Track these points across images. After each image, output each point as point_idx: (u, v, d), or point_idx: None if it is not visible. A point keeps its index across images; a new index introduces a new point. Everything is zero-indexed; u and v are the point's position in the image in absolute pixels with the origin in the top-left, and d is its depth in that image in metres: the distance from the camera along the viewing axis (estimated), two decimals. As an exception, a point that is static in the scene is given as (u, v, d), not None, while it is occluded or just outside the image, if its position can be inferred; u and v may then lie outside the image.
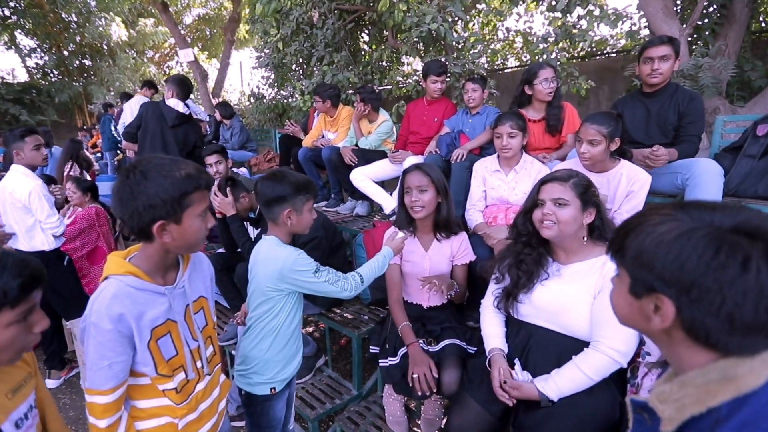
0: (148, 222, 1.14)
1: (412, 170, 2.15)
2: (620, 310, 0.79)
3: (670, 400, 0.69)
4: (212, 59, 14.58)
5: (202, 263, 1.44)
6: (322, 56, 5.50)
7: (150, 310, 1.19)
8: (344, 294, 1.75)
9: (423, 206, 2.09)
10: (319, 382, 2.72)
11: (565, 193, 1.65)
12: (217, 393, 1.45)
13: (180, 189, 1.14)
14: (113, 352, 1.13)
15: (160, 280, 1.25)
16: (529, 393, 1.60)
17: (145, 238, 1.19)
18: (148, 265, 1.22)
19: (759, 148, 2.44)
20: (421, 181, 2.10)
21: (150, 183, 1.12)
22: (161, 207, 1.13)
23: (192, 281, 1.34)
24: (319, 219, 2.54)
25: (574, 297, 1.65)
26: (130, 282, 1.17)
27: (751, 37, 4.40)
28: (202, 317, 1.38)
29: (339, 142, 4.16)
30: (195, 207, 1.19)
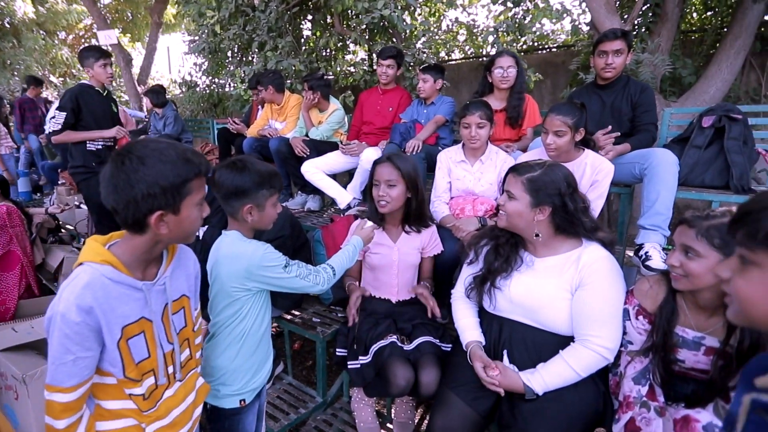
0: (145, 212, 1.05)
1: (382, 162, 2.06)
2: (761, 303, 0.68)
3: None
4: (135, 43, 13.53)
5: (188, 258, 1.33)
6: (264, 42, 5.21)
7: (122, 306, 1.10)
8: (316, 288, 1.63)
9: (389, 201, 2.01)
10: (280, 390, 2.55)
11: (516, 187, 1.63)
12: (192, 398, 1.34)
13: (181, 175, 1.07)
14: (79, 346, 1.03)
15: (139, 275, 1.15)
16: (514, 381, 1.58)
17: (137, 228, 1.09)
18: (129, 256, 1.12)
19: (704, 139, 2.57)
20: (391, 175, 2.01)
21: (149, 169, 1.03)
22: (161, 196, 1.05)
23: (175, 278, 1.24)
24: (285, 216, 2.38)
25: (550, 293, 1.63)
26: (105, 272, 1.07)
27: (681, 36, 4.67)
28: (182, 318, 1.28)
29: (288, 133, 3.95)
30: (194, 195, 1.12)
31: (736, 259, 0.71)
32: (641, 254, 2.24)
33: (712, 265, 1.33)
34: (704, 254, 1.34)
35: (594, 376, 1.59)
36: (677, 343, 1.48)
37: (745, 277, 0.68)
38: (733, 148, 2.45)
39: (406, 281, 2.15)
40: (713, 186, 2.51)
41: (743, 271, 0.69)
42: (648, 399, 1.46)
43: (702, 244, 1.34)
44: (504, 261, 1.72)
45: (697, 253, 1.36)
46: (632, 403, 1.47)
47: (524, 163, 1.70)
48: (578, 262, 1.61)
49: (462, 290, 1.86)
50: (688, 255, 1.38)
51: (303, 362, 3.12)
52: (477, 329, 1.79)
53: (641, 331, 1.55)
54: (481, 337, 1.76)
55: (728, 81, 4.01)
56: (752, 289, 0.68)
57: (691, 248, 1.37)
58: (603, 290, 1.57)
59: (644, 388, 1.49)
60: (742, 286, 0.69)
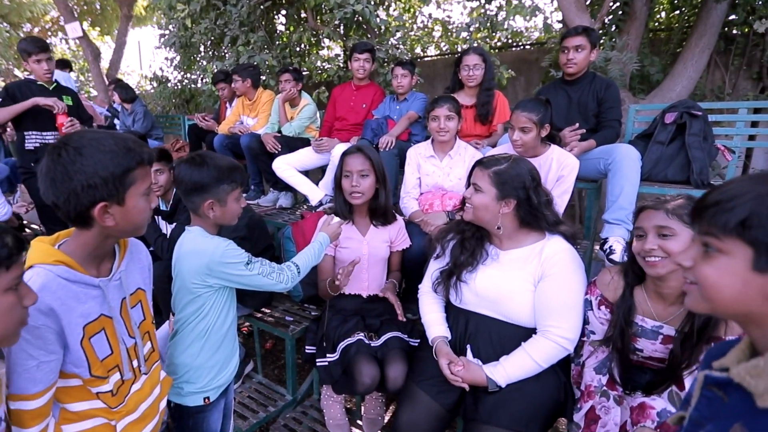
0: (87, 205, 1.03)
1: (353, 152, 2.05)
2: (727, 291, 0.69)
3: (765, 374, 0.66)
4: (105, 37, 13.18)
5: (140, 252, 1.33)
6: (236, 36, 5.13)
7: (81, 305, 1.08)
8: (279, 287, 1.62)
9: (362, 192, 2.01)
10: (249, 389, 2.53)
11: (482, 179, 1.65)
12: (157, 392, 1.34)
13: (122, 165, 1.04)
14: (42, 350, 1.01)
15: (94, 271, 1.13)
16: (477, 374, 1.60)
17: (81, 223, 1.07)
18: (81, 253, 1.10)
19: (667, 135, 2.64)
20: (363, 165, 2.01)
21: (87, 160, 1.01)
22: (102, 186, 1.03)
23: (129, 272, 1.24)
24: (244, 217, 2.35)
25: (514, 285, 1.66)
26: (60, 272, 1.04)
27: (649, 35, 4.79)
28: (140, 311, 1.28)
29: (259, 129, 3.91)
30: (139, 184, 1.09)
31: (699, 248, 0.73)
32: (605, 248, 2.30)
33: (688, 241, 1.34)
34: (679, 231, 1.37)
35: (555, 367, 1.63)
36: (636, 332, 1.53)
37: (714, 265, 0.69)
38: (693, 143, 2.52)
39: (375, 275, 2.16)
40: (675, 181, 2.59)
41: (710, 259, 0.70)
42: (608, 388, 1.51)
43: (675, 222, 1.37)
44: (470, 255, 1.74)
45: (673, 231, 1.37)
46: (593, 393, 1.51)
47: (490, 157, 1.72)
48: (541, 255, 1.65)
49: (429, 285, 1.88)
50: (664, 236, 1.39)
51: (276, 361, 3.11)
52: (443, 324, 1.81)
53: (603, 321, 1.60)
54: (447, 332, 1.79)
55: (694, 79, 4.12)
56: (720, 276, 0.69)
57: (666, 227, 1.38)
58: (563, 282, 1.61)
59: (605, 378, 1.53)
60: (711, 273, 0.70)
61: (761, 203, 0.64)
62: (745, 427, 0.67)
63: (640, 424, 1.38)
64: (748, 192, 0.66)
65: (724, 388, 0.73)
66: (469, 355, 1.69)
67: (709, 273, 0.70)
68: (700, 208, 0.72)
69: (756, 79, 4.30)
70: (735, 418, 0.70)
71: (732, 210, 0.66)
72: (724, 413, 0.72)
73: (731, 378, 0.71)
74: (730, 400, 0.72)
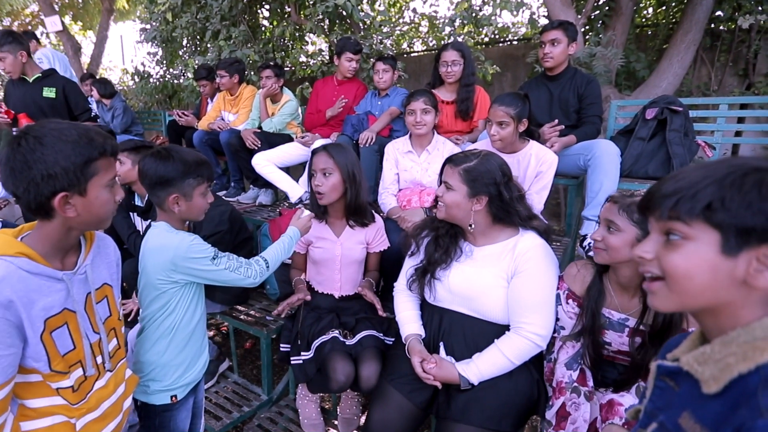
0: (47, 195, 1.03)
1: (319, 151, 2.04)
2: (698, 279, 0.68)
3: (711, 360, 0.67)
4: (87, 31, 13.03)
5: (108, 246, 1.32)
6: (218, 30, 5.09)
7: (43, 298, 1.06)
8: (247, 282, 1.61)
9: (325, 192, 1.99)
10: (224, 389, 2.51)
11: (453, 177, 1.65)
12: (122, 390, 1.32)
13: (83, 155, 1.05)
14: (1, 344, 0.99)
15: (58, 264, 1.12)
16: (449, 372, 1.60)
17: (43, 214, 1.07)
18: (44, 246, 1.09)
19: (648, 130, 2.66)
20: (326, 164, 1.99)
21: (47, 149, 1.01)
22: (62, 176, 1.03)
23: (95, 266, 1.23)
24: (225, 211, 2.35)
25: (487, 281, 1.66)
26: (21, 264, 1.03)
27: (635, 31, 4.82)
28: (106, 307, 1.27)
29: (239, 125, 3.88)
30: (101, 175, 1.09)
31: (659, 238, 0.72)
32: (585, 245, 2.30)
33: (630, 239, 1.40)
34: (623, 228, 1.41)
35: (528, 364, 1.63)
36: (604, 324, 1.54)
37: (682, 252, 0.68)
38: (674, 139, 2.54)
39: (348, 277, 2.15)
40: (656, 177, 2.60)
41: (677, 248, 0.69)
42: (578, 384, 1.51)
43: (622, 219, 1.41)
44: (444, 252, 1.74)
45: (617, 227, 1.42)
46: (564, 389, 1.52)
47: (459, 154, 1.72)
48: (514, 251, 1.65)
49: (404, 282, 1.88)
50: (610, 230, 1.44)
51: (254, 361, 3.08)
52: (417, 322, 1.81)
53: (572, 315, 1.60)
54: (420, 330, 1.78)
55: (679, 75, 4.15)
56: (691, 264, 0.68)
57: (613, 222, 1.43)
58: (536, 278, 1.61)
59: (575, 373, 1.53)
60: (681, 261, 0.68)
61: (722, 187, 0.65)
62: (693, 415, 0.68)
63: (608, 421, 1.38)
64: (705, 177, 0.67)
65: (675, 377, 0.74)
66: (442, 352, 1.69)
67: (679, 261, 0.69)
68: (656, 199, 0.71)
69: (742, 75, 4.35)
70: (684, 406, 0.70)
71: (695, 196, 0.66)
72: (675, 403, 0.73)
73: (681, 367, 0.72)
74: (680, 390, 0.73)
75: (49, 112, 3.40)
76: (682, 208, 0.67)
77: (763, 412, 0.58)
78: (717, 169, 0.67)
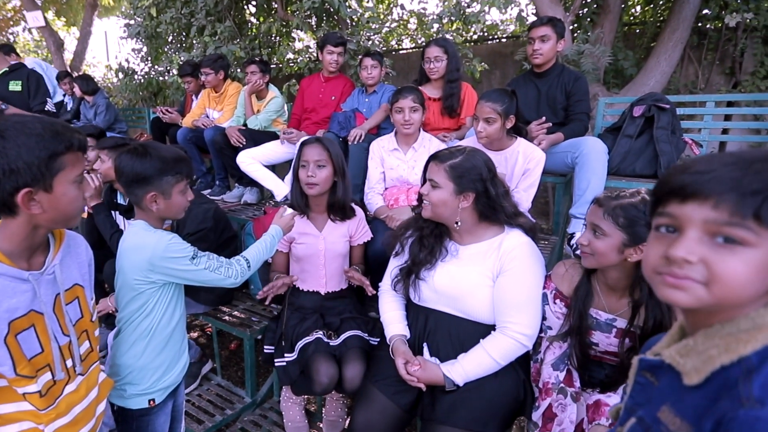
0: (10, 190, 0.99)
1: (311, 142, 2.01)
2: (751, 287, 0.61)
3: (694, 352, 0.65)
4: (71, 27, 12.83)
5: (79, 246, 1.28)
6: (203, 26, 5.03)
7: (7, 300, 1.03)
8: (228, 282, 1.57)
9: (318, 183, 1.96)
10: (207, 392, 2.47)
11: (438, 175, 1.61)
12: (95, 394, 1.28)
13: (48, 149, 1.01)
14: None
15: (24, 264, 1.08)
16: (434, 374, 1.57)
17: (7, 211, 1.03)
18: (9, 244, 1.05)
19: (635, 128, 2.65)
20: (320, 156, 1.96)
21: (9, 143, 0.98)
22: (26, 171, 0.99)
23: (65, 266, 1.19)
24: (209, 209, 2.32)
25: (473, 280, 1.64)
26: None
27: (623, 29, 4.83)
28: (77, 308, 1.22)
29: (224, 122, 3.83)
30: (68, 171, 1.05)
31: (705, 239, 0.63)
32: (572, 243, 2.29)
33: (616, 243, 1.37)
34: (609, 233, 1.38)
35: (514, 365, 1.61)
36: (591, 325, 1.52)
37: (743, 260, 0.60)
38: (661, 137, 2.54)
39: (333, 271, 2.12)
40: (643, 175, 2.60)
41: (736, 253, 0.60)
42: (565, 384, 1.49)
43: (608, 223, 1.38)
44: (428, 252, 1.71)
45: (603, 232, 1.39)
46: (550, 390, 1.50)
47: (444, 151, 1.69)
48: (500, 249, 1.63)
49: (389, 283, 1.85)
50: (596, 234, 1.42)
51: (239, 362, 3.04)
52: (401, 322, 1.78)
53: (559, 315, 1.58)
54: (405, 330, 1.75)
55: (667, 73, 4.16)
56: (750, 271, 0.60)
57: (598, 227, 1.41)
58: (522, 276, 1.59)
59: (562, 374, 1.51)
60: (742, 270, 0.60)
61: None
62: (672, 408, 0.67)
63: (595, 421, 1.37)
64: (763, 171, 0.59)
65: (656, 372, 0.73)
66: (426, 354, 1.66)
67: (741, 269, 0.60)
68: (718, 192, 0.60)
69: (728, 74, 4.37)
70: (663, 400, 0.70)
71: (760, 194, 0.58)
72: (654, 398, 0.72)
73: (663, 360, 0.71)
74: (660, 384, 0.72)
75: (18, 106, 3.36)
76: (765, 211, 0.58)
77: (744, 402, 0.57)
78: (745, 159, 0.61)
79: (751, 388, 0.58)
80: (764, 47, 4.05)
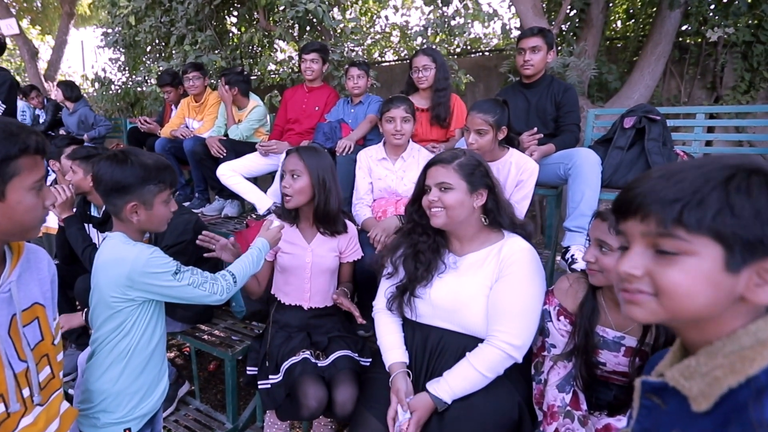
0: None
1: (291, 152, 1.94)
2: (701, 298, 0.60)
3: (697, 374, 0.61)
4: (45, 36, 12.55)
5: (40, 261, 1.17)
6: (183, 35, 4.92)
7: None
8: (213, 299, 1.46)
9: (291, 195, 1.88)
10: (185, 417, 2.32)
11: (449, 176, 1.54)
12: (56, 426, 1.16)
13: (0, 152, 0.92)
14: None
15: None
16: (425, 405, 1.47)
17: None
18: None
19: (626, 139, 2.62)
20: (296, 166, 1.88)
21: None
22: None
23: (23, 284, 1.08)
24: (190, 220, 2.22)
25: (470, 291, 1.57)
26: None
27: (606, 43, 4.89)
28: (36, 330, 1.11)
29: (204, 132, 3.70)
30: (24, 176, 0.96)
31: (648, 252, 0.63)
32: (567, 257, 2.23)
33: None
34: (617, 249, 1.32)
35: (507, 384, 1.52)
36: (598, 343, 1.44)
37: (683, 269, 0.60)
38: (653, 149, 2.51)
39: (319, 287, 2.00)
40: (635, 187, 2.56)
41: (674, 264, 0.61)
42: (572, 407, 1.41)
43: (614, 238, 1.32)
44: (425, 269, 1.63)
45: (610, 247, 1.34)
46: (556, 413, 1.41)
47: (442, 154, 1.63)
48: (499, 255, 1.57)
49: (384, 303, 1.75)
50: (602, 250, 1.36)
51: (218, 385, 2.88)
52: (400, 348, 1.67)
53: (563, 332, 1.50)
54: (405, 357, 1.64)
55: (650, 87, 4.21)
56: (692, 281, 0.60)
57: (605, 242, 1.35)
58: (517, 284, 1.52)
59: (568, 396, 1.43)
60: (682, 280, 0.61)
61: (727, 193, 0.57)
62: None
63: (605, 448, 1.29)
64: (706, 181, 0.58)
65: (662, 394, 0.68)
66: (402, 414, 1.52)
67: (679, 279, 0.60)
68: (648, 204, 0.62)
69: (710, 88, 4.44)
70: (673, 425, 0.65)
71: (701, 203, 0.58)
72: (663, 422, 0.67)
73: (667, 382, 0.66)
74: (668, 407, 0.67)
75: None
76: (687, 218, 0.58)
77: (756, 427, 0.54)
78: (712, 169, 0.59)
79: (762, 412, 0.54)
80: (744, 62, 4.13)
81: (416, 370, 1.62)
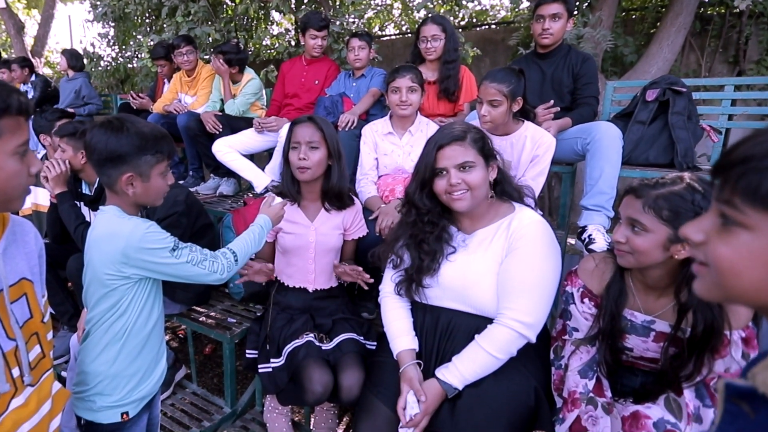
0: None
1: (302, 122, 1.86)
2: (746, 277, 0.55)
3: None
4: (32, 10, 12.36)
5: (27, 234, 1.13)
6: (176, 7, 4.79)
7: None
8: (213, 278, 1.42)
9: (310, 167, 1.80)
10: (181, 401, 2.30)
11: (468, 153, 1.48)
12: (47, 408, 1.13)
13: None
14: None
15: None
16: (435, 392, 1.43)
17: None
18: None
19: (648, 113, 2.53)
20: (313, 137, 1.81)
21: None
22: None
23: (9, 258, 1.05)
24: (181, 192, 2.19)
25: (480, 269, 1.51)
26: None
27: (622, 14, 4.76)
28: (25, 307, 1.08)
29: (198, 108, 3.62)
30: (6, 140, 0.92)
31: (715, 218, 0.59)
32: (584, 237, 2.16)
33: (661, 240, 1.23)
34: (651, 228, 1.24)
35: (520, 367, 1.47)
36: (626, 327, 1.38)
37: (730, 242, 0.56)
38: (677, 123, 2.42)
39: (323, 267, 1.96)
40: (658, 164, 2.48)
41: (728, 235, 0.56)
42: (595, 394, 1.36)
43: (649, 217, 1.24)
44: (431, 259, 1.57)
45: (644, 227, 1.25)
46: (578, 400, 1.36)
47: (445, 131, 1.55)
48: (509, 228, 1.52)
49: (391, 287, 1.69)
50: (635, 229, 1.28)
51: (215, 368, 2.86)
52: (409, 334, 1.62)
53: (587, 315, 1.44)
54: (414, 344, 1.59)
55: (669, 60, 4.10)
56: (738, 257, 0.55)
57: (638, 222, 1.26)
58: (528, 257, 1.46)
59: (591, 382, 1.38)
60: (726, 253, 0.56)
61: None
62: None
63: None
64: None
65: (751, 401, 0.59)
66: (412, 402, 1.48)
67: (725, 253, 0.56)
68: (725, 165, 0.57)
69: (732, 62, 4.32)
70: None
71: (764, 171, 0.51)
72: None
73: (755, 387, 0.57)
74: (758, 416, 0.59)
75: None
76: (742, 186, 0.53)
77: None
78: None
79: None
80: (770, 34, 4.01)
81: (426, 354, 1.58)
